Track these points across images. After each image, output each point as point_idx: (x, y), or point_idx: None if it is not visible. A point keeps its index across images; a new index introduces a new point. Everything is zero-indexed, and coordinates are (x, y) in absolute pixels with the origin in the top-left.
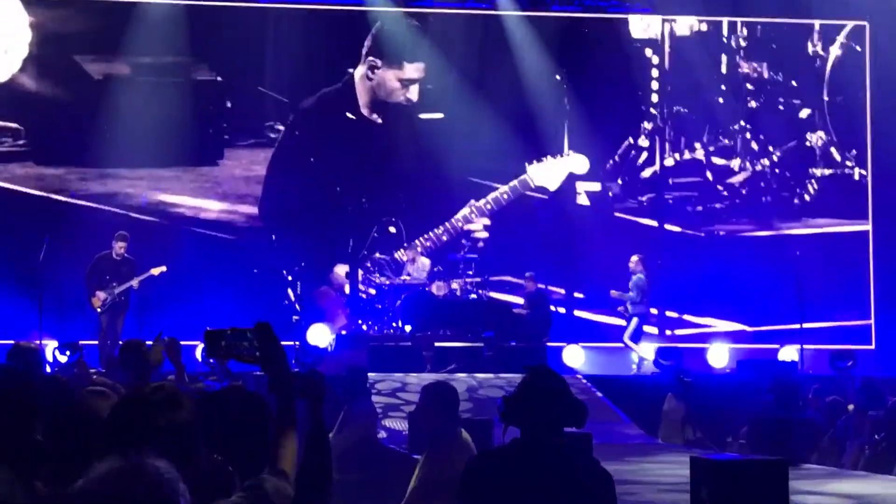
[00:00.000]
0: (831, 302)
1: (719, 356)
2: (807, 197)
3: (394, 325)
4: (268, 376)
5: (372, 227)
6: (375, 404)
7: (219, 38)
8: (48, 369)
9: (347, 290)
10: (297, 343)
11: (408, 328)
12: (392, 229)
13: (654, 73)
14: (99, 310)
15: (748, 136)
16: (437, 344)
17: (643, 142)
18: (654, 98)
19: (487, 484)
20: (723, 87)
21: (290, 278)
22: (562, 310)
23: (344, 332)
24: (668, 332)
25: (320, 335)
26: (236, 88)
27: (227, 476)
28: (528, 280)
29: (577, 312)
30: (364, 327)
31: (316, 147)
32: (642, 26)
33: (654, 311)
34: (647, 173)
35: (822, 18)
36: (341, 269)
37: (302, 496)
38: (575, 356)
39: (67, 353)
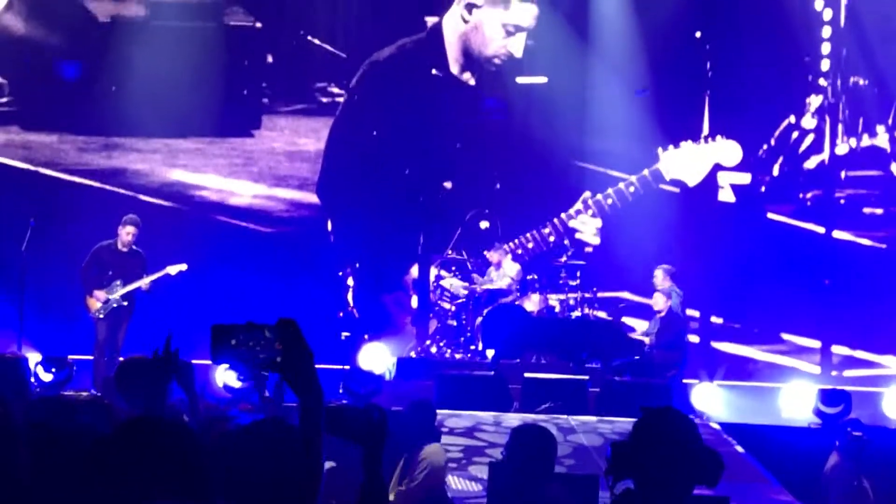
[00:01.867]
0: None
1: None
2: None
3: (472, 347)
4: (292, 390)
5: (456, 220)
6: (447, 447)
7: None
8: None
9: (415, 302)
10: (347, 367)
11: (490, 353)
12: (484, 224)
13: (826, 31)
14: (97, 315)
15: None
16: (527, 375)
17: (808, 122)
18: (825, 65)
19: None
20: None
21: (350, 282)
22: (694, 338)
23: (414, 354)
24: (833, 374)
25: (377, 358)
26: (279, 38)
27: None
28: (659, 296)
29: (714, 343)
30: (433, 350)
31: (389, 113)
32: None
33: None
34: (812, 163)
35: None
36: (416, 273)
37: None
38: (709, 397)
39: (53, 369)
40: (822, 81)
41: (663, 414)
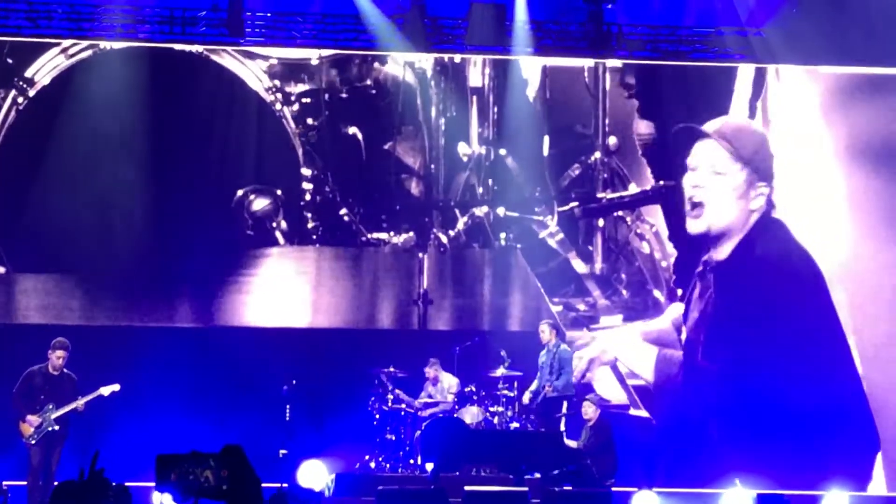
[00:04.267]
0: None
1: None
2: None
3: (411, 461)
4: None
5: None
6: None
7: None
8: None
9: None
10: (286, 485)
11: (429, 466)
12: None
13: None
14: (30, 440)
15: None
16: (467, 488)
17: None
18: None
19: None
20: None
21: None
22: None
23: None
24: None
25: (315, 475)
26: None
27: None
28: (588, 405)
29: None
30: (372, 465)
31: None
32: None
33: None
34: None
35: None
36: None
37: None
38: None
39: None
40: None
41: None
